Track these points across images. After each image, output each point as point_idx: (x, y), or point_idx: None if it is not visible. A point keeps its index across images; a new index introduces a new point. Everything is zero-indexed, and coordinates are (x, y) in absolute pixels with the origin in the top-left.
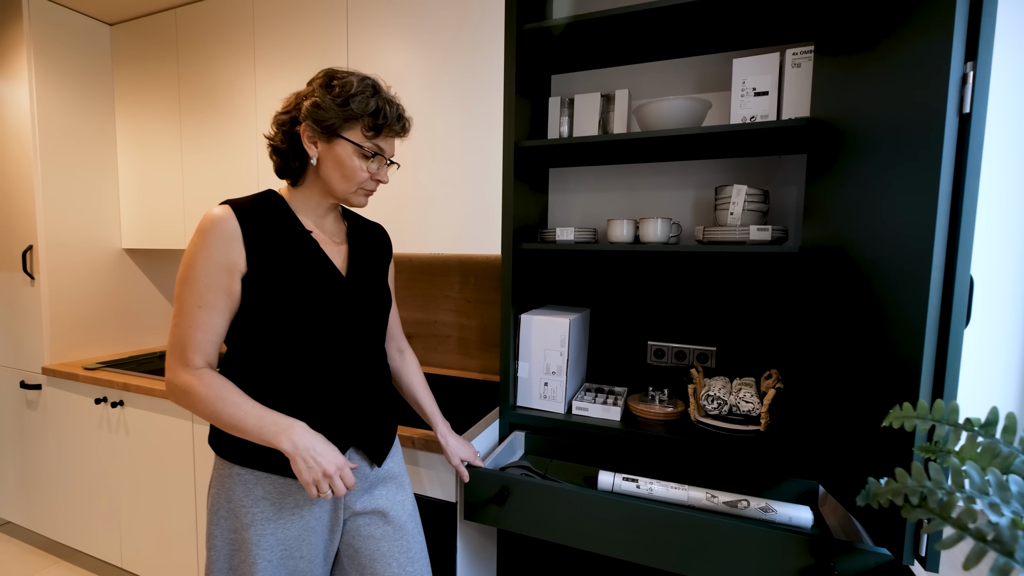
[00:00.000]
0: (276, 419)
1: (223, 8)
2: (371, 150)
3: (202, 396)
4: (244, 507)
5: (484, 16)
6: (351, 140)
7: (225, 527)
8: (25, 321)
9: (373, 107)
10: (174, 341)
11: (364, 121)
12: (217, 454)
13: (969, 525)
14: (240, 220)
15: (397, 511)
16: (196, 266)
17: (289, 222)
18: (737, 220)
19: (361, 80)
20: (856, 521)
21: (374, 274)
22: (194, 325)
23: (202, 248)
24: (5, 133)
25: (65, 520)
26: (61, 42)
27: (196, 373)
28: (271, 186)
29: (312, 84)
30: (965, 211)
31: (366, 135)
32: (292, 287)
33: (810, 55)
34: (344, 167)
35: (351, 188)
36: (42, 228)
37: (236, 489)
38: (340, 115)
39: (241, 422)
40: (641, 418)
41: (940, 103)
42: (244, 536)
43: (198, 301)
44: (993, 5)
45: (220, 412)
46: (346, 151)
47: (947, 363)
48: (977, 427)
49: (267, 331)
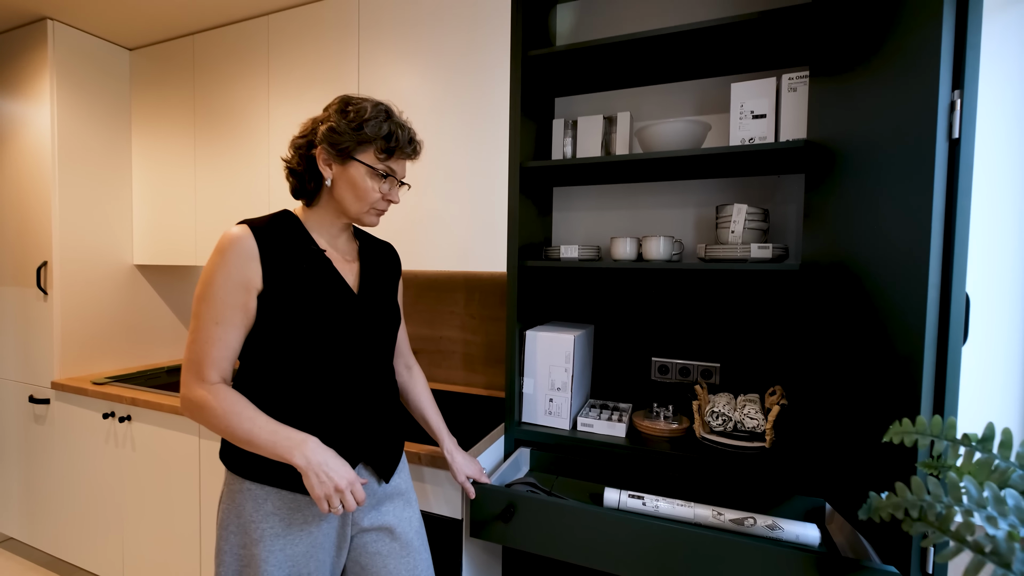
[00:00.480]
0: (289, 434)
1: (239, 34)
2: (383, 171)
3: (216, 411)
4: (254, 522)
5: (489, 41)
6: (364, 162)
7: (234, 542)
8: (37, 336)
9: (385, 131)
10: (190, 356)
11: (377, 144)
12: (228, 469)
13: (967, 538)
14: (257, 239)
15: (404, 528)
16: (214, 283)
17: (304, 241)
18: (738, 238)
19: (375, 106)
20: (863, 539)
21: (384, 292)
22: (210, 341)
23: (220, 266)
24: (26, 153)
25: (68, 536)
26: (82, 66)
27: (211, 388)
28: (282, 205)
29: (328, 109)
30: (958, 232)
31: (378, 157)
32: (305, 304)
33: (805, 79)
34: (357, 188)
35: (364, 208)
36: (57, 245)
37: (246, 504)
38: (354, 138)
39: (255, 437)
40: (646, 434)
41: (930, 129)
42: (253, 552)
43: (215, 317)
44: (977, 37)
45: (234, 427)
46: (359, 173)
47: (946, 380)
48: (974, 442)
49: (280, 347)
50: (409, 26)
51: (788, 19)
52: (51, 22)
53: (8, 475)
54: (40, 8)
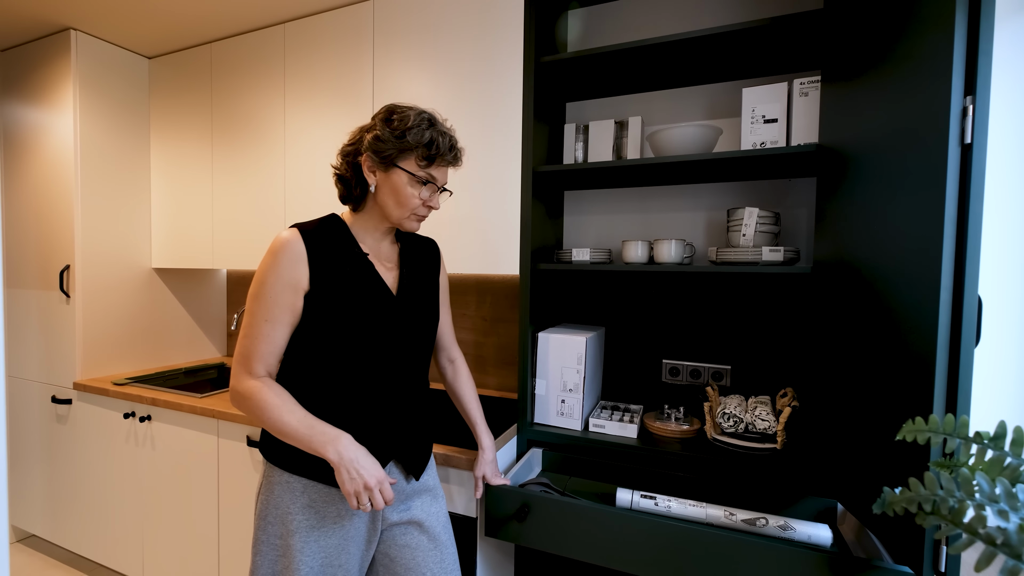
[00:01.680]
0: (325, 429)
1: (256, 42)
2: (424, 178)
3: (260, 402)
4: (291, 514)
5: (501, 48)
6: (406, 169)
7: (273, 532)
8: (59, 338)
9: (427, 139)
10: (241, 351)
11: (418, 152)
12: (267, 460)
13: (979, 530)
14: (306, 242)
15: (432, 522)
16: (266, 283)
17: (349, 245)
18: (749, 241)
19: (418, 114)
20: (876, 539)
21: (424, 292)
22: (259, 337)
23: (272, 267)
24: (50, 160)
25: (89, 534)
26: (104, 75)
27: (258, 381)
28: (297, 210)
29: (375, 118)
30: (971, 235)
31: (419, 164)
32: (347, 304)
33: (817, 84)
34: (399, 194)
35: (405, 214)
36: (79, 249)
37: (284, 496)
38: (397, 146)
39: (293, 429)
40: (657, 436)
41: (942, 134)
42: (289, 543)
43: (265, 315)
44: (989, 43)
45: (275, 418)
46: (401, 179)
47: (959, 381)
48: (987, 440)
49: (321, 345)
50: (422, 33)
51: (800, 25)
52: (74, 32)
53: (31, 474)
54: (64, 19)
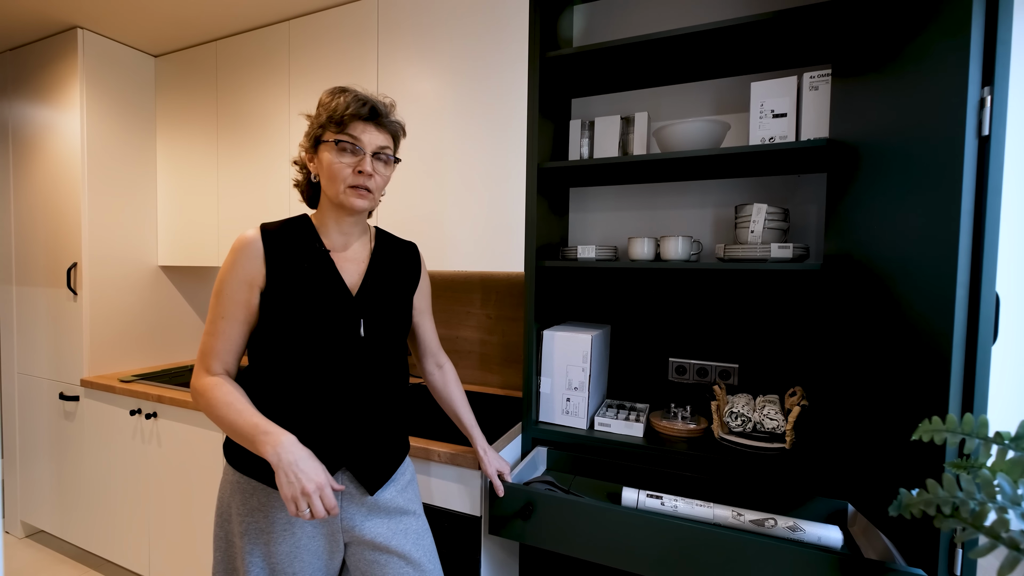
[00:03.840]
0: (268, 428)
1: (261, 40)
2: (345, 142)
3: (211, 399)
4: (240, 515)
5: (505, 43)
6: (326, 140)
7: (224, 531)
8: (67, 335)
9: (336, 104)
10: (201, 349)
11: (333, 119)
12: (225, 459)
13: (1002, 534)
14: (264, 239)
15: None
16: (224, 281)
17: (310, 241)
18: (758, 238)
19: (332, 89)
20: (888, 541)
21: (392, 295)
22: (215, 334)
23: (230, 265)
24: (57, 158)
25: (96, 530)
26: (110, 73)
27: (212, 379)
28: (300, 208)
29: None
30: (988, 230)
31: (335, 132)
32: (299, 302)
33: (827, 78)
34: (328, 169)
35: (340, 187)
36: (86, 247)
37: (234, 496)
38: (316, 123)
39: (238, 428)
40: (664, 435)
41: (959, 127)
42: (237, 543)
43: (222, 312)
44: (1008, 32)
45: (223, 416)
46: (326, 153)
47: (975, 379)
48: (1007, 440)
49: (275, 344)
50: (426, 29)
51: (809, 17)
52: (81, 31)
53: (39, 470)
54: (71, 18)
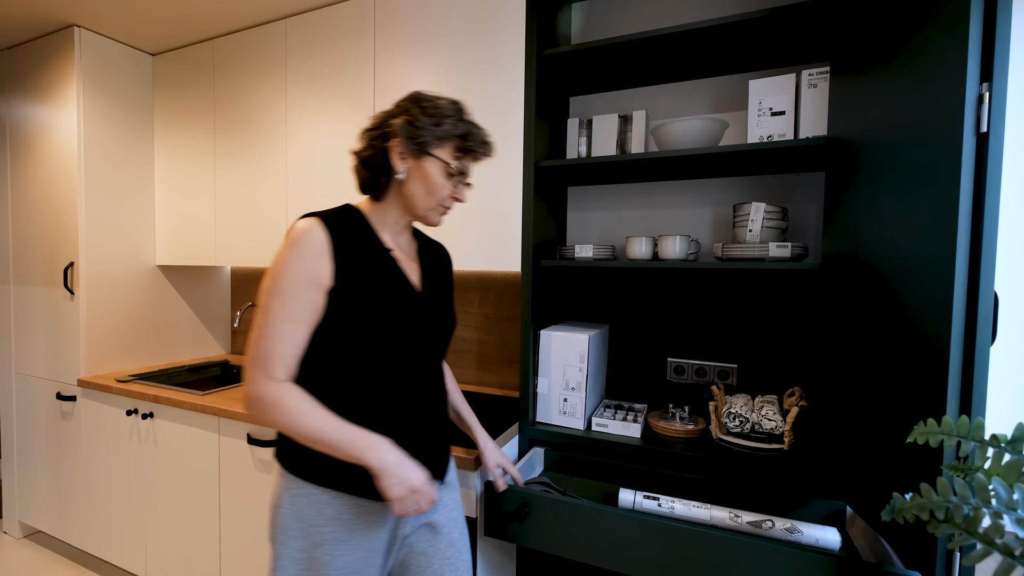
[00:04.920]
0: (363, 435)
1: (258, 38)
2: (457, 169)
3: (288, 409)
4: (316, 526)
5: (503, 41)
6: (440, 158)
7: (295, 547)
8: (64, 335)
9: (463, 129)
10: (258, 353)
11: (454, 142)
12: (288, 471)
13: (996, 540)
14: (329, 233)
15: (450, 526)
16: (287, 278)
17: (371, 238)
18: (756, 237)
19: (452, 103)
20: (886, 543)
21: (443, 292)
22: (279, 337)
23: (293, 260)
24: (54, 157)
25: (93, 530)
26: (107, 72)
27: (280, 386)
28: (300, 206)
29: (402, 104)
30: (986, 228)
31: (454, 155)
32: (373, 302)
33: (826, 75)
34: (429, 183)
35: (431, 205)
36: (83, 246)
37: (308, 508)
38: (432, 134)
39: (328, 437)
40: (661, 435)
41: (957, 123)
42: (315, 555)
43: (285, 314)
44: (1007, 28)
45: (306, 426)
46: (433, 168)
47: (974, 380)
48: (1004, 443)
49: (345, 346)
50: (423, 27)
51: (808, 14)
52: (78, 29)
53: (37, 470)
54: (68, 16)
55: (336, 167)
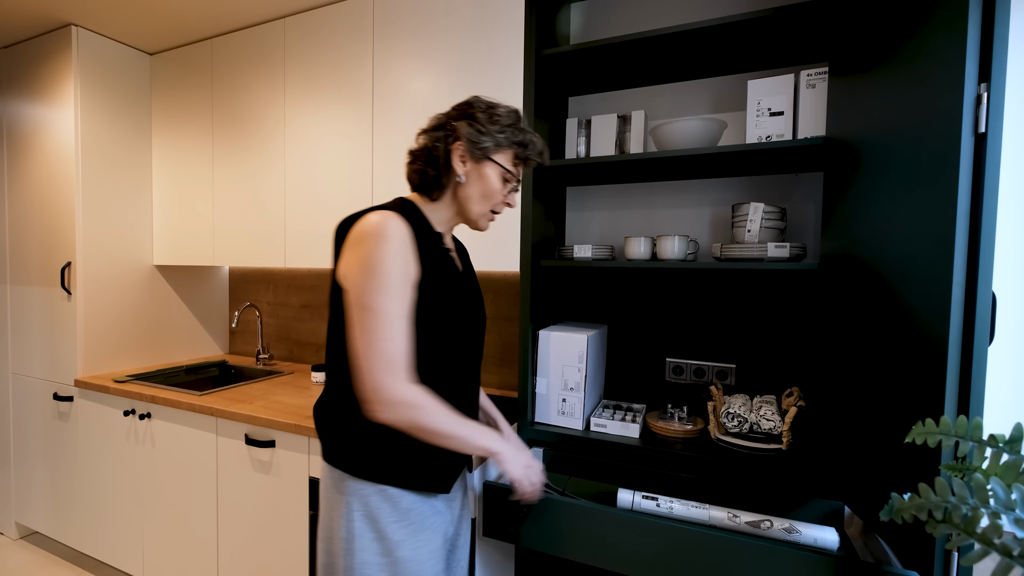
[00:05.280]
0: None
1: (256, 38)
2: (515, 175)
3: (429, 408)
4: (392, 522)
5: (502, 41)
6: (500, 164)
7: (374, 551)
8: (61, 335)
9: (522, 138)
10: (384, 355)
11: (514, 149)
12: (354, 475)
13: (995, 540)
14: (410, 227)
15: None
16: (391, 274)
17: (434, 235)
18: (755, 237)
19: (512, 111)
20: (884, 543)
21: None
22: (398, 336)
23: (391, 255)
24: (51, 156)
25: (90, 531)
26: (105, 71)
27: (415, 386)
28: (297, 205)
29: (467, 108)
30: (984, 229)
31: (513, 162)
32: (446, 298)
33: (824, 76)
34: (487, 188)
35: (484, 210)
36: (81, 246)
37: (382, 506)
38: (495, 140)
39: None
40: (660, 435)
41: (955, 123)
42: (397, 556)
43: (397, 311)
44: (1005, 29)
45: (444, 423)
46: (493, 173)
47: (971, 381)
48: (1002, 443)
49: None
50: (422, 27)
51: (807, 14)
52: (75, 28)
53: (34, 471)
54: (65, 15)
55: (335, 167)
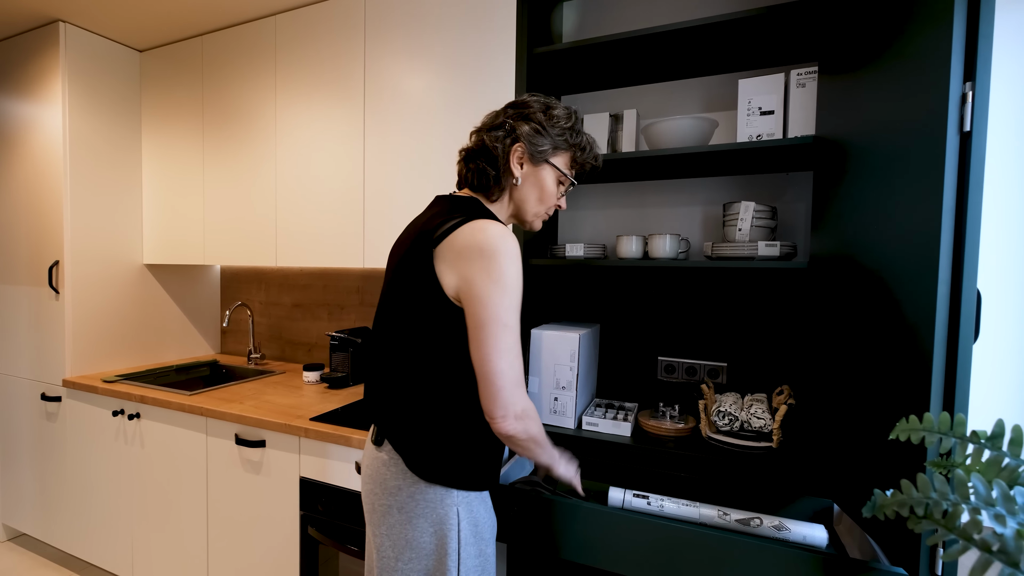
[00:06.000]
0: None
1: (247, 35)
2: (571, 179)
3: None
4: (485, 524)
5: (494, 39)
6: (558, 167)
7: (473, 553)
8: (48, 335)
9: (579, 141)
10: (518, 372)
11: (572, 152)
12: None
13: (974, 536)
14: None
15: None
16: (519, 292)
17: None
18: (745, 236)
19: (570, 114)
20: (872, 540)
21: None
22: (519, 353)
23: (519, 274)
24: (38, 154)
25: (78, 532)
26: (94, 68)
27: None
28: (289, 204)
29: (522, 107)
30: (969, 226)
31: (570, 165)
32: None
33: (814, 75)
34: (543, 190)
35: (539, 211)
36: (69, 244)
37: (480, 510)
38: (554, 143)
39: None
40: (652, 434)
41: (941, 122)
42: (487, 552)
43: (518, 327)
44: (989, 27)
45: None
46: (550, 176)
47: (957, 378)
48: (984, 439)
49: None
50: (414, 24)
51: (797, 14)
52: (63, 24)
53: (21, 472)
54: (53, 11)
55: (327, 165)
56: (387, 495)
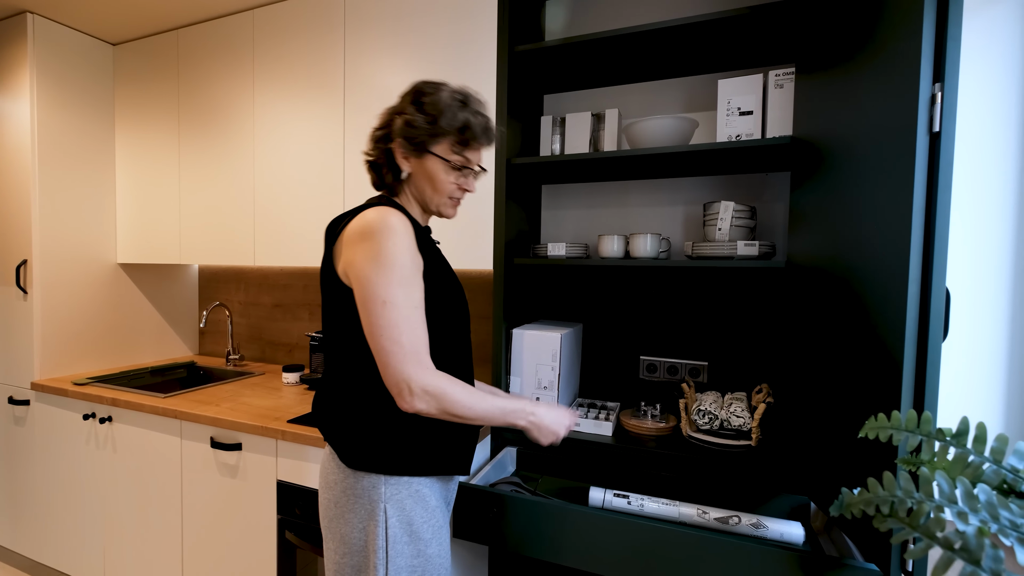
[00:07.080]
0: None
1: (224, 29)
2: (459, 163)
3: (458, 394)
4: (425, 522)
5: (477, 36)
6: (439, 155)
7: (408, 554)
8: (16, 336)
9: (460, 121)
10: (406, 346)
11: (452, 136)
12: (386, 473)
13: (937, 534)
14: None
15: None
16: (403, 265)
17: (423, 228)
18: (725, 236)
19: (451, 94)
20: (847, 537)
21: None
22: (420, 326)
23: (400, 247)
24: (5, 149)
25: (49, 540)
26: (64, 61)
27: (440, 374)
28: (267, 202)
29: (404, 100)
30: (938, 226)
31: (453, 150)
32: (445, 287)
33: (792, 76)
34: (434, 180)
35: (441, 199)
36: (37, 243)
37: (415, 507)
38: (429, 131)
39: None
40: (633, 433)
41: (911, 123)
42: (428, 553)
43: (412, 301)
44: (958, 30)
45: (473, 406)
46: (435, 165)
47: (926, 376)
48: (949, 437)
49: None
50: (395, 20)
51: (774, 15)
52: (31, 16)
53: None
54: (20, 2)
55: (306, 163)
56: (327, 489)
